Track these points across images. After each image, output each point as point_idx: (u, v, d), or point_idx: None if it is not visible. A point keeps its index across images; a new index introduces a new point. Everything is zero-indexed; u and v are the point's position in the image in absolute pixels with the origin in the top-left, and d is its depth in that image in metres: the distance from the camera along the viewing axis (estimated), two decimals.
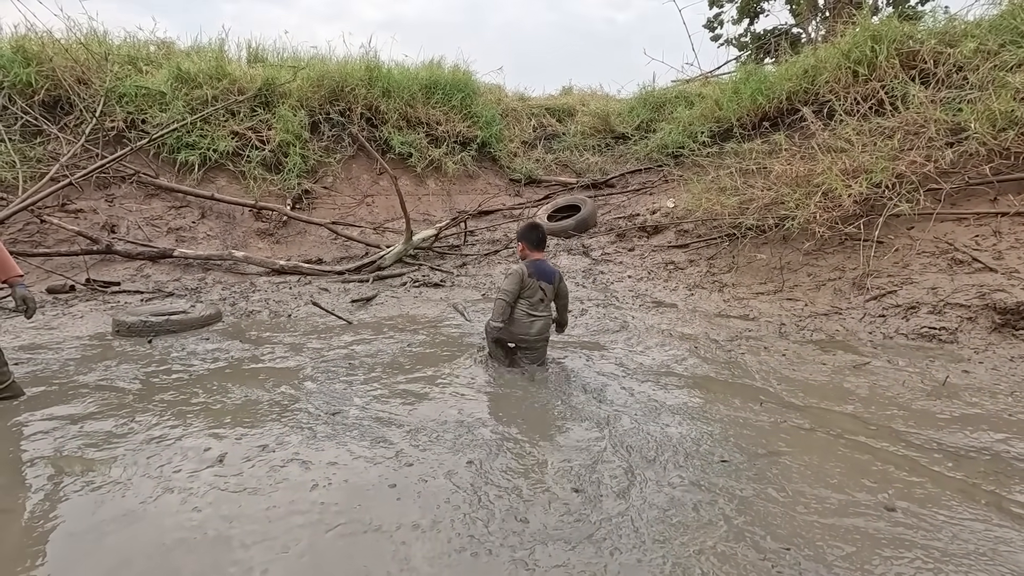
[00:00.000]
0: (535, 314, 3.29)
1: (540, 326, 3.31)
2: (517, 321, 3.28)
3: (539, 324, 3.31)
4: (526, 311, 3.29)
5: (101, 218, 5.72)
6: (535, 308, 3.30)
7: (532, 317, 3.29)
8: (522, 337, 3.32)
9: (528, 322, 3.28)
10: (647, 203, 7.15)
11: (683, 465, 2.24)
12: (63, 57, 6.41)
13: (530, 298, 3.29)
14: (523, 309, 3.29)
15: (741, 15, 15.27)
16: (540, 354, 3.39)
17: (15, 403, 2.76)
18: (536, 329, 3.30)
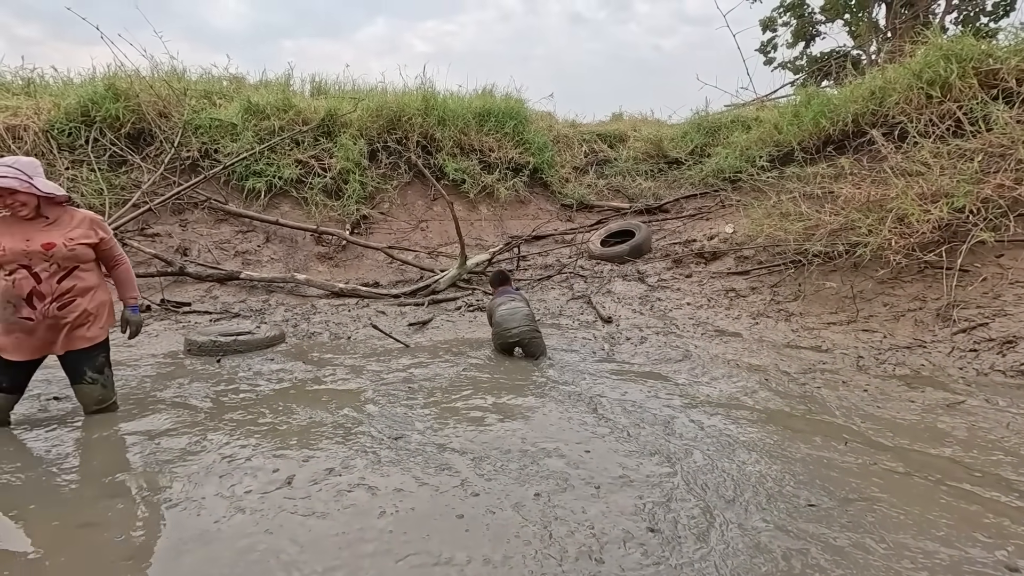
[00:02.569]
0: (512, 309, 4.14)
1: (520, 315, 4.10)
2: (500, 321, 4.11)
3: (519, 314, 4.12)
4: (502, 311, 4.15)
5: (175, 242, 6.04)
6: (507, 306, 4.18)
7: (510, 310, 4.13)
8: (512, 329, 4.05)
9: (509, 316, 4.09)
10: (704, 228, 6.98)
11: (766, 507, 2.09)
12: (147, 93, 6.89)
13: (503, 304, 4.21)
14: (501, 311, 4.16)
15: (796, 39, 15.01)
16: (538, 346, 4.06)
17: (101, 417, 2.88)
18: (518, 318, 4.08)
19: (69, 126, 6.39)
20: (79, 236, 2.76)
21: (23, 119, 6.26)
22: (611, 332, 4.64)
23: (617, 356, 4.07)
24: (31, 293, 2.65)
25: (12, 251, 2.62)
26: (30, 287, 2.65)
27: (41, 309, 2.68)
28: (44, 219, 2.73)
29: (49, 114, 6.44)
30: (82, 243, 2.76)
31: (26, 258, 2.63)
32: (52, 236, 2.69)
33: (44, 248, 2.66)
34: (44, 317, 2.70)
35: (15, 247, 2.62)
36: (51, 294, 2.70)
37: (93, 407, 2.86)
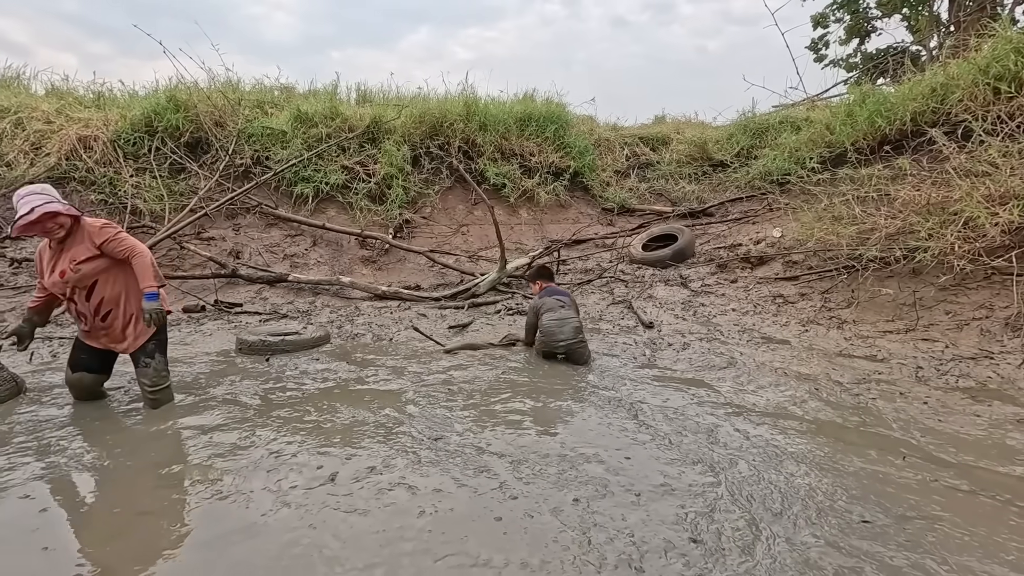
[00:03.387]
0: (562, 318, 4.01)
1: (569, 328, 3.97)
2: (549, 330, 3.99)
3: (568, 326, 3.98)
4: (550, 320, 4.02)
5: (229, 245, 6.31)
6: (558, 314, 4.05)
7: (560, 321, 3.99)
8: (560, 342, 3.95)
9: (558, 328, 3.97)
10: (750, 233, 6.78)
11: (816, 522, 2.01)
12: (205, 104, 7.23)
13: (552, 311, 4.07)
14: (548, 320, 4.02)
15: (849, 35, 14.40)
16: (582, 355, 3.98)
17: (160, 410, 3.03)
18: (567, 331, 3.96)
19: (134, 136, 6.78)
20: (80, 254, 2.87)
21: (94, 130, 6.68)
22: (652, 337, 4.56)
23: (659, 362, 3.99)
24: (78, 313, 2.99)
25: (48, 283, 2.94)
26: (74, 310, 2.99)
27: (89, 323, 3.01)
28: (63, 244, 2.91)
29: (116, 125, 6.85)
30: (83, 260, 2.86)
31: (59, 287, 2.92)
32: (63, 263, 2.89)
33: (60, 276, 2.88)
34: (95, 329, 3.03)
35: (49, 279, 2.93)
36: (89, 312, 2.97)
37: (149, 390, 3.04)
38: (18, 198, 2.78)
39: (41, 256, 2.99)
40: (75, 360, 3.10)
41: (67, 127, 6.66)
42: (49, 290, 2.97)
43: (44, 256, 2.97)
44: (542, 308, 4.14)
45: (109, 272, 2.95)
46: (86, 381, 3.11)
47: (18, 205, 2.76)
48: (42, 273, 2.98)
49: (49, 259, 2.93)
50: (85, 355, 3.10)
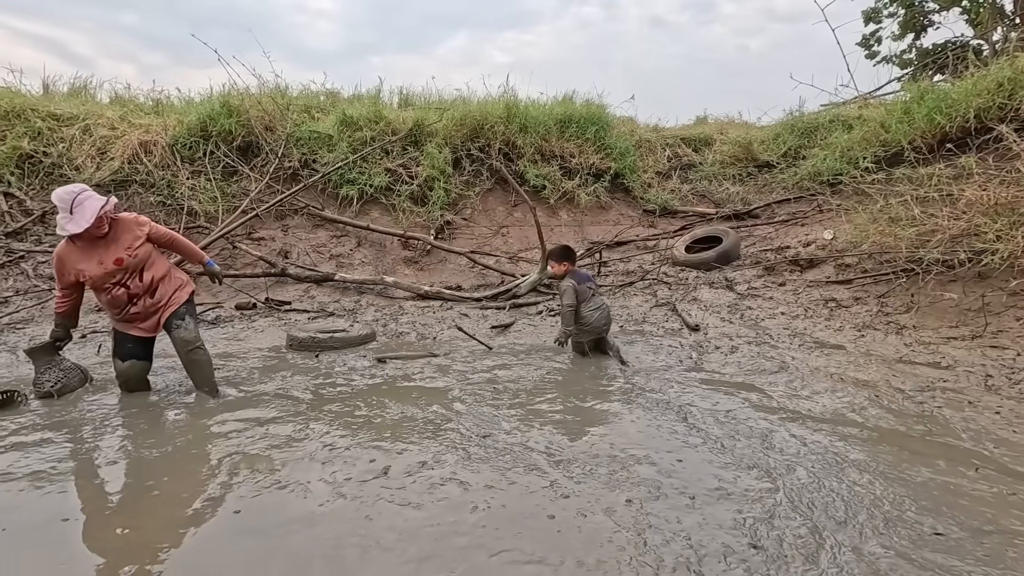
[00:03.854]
0: (599, 307, 4.14)
1: (602, 316, 4.12)
2: (590, 321, 4.08)
3: (601, 314, 4.12)
4: (591, 311, 4.10)
5: (278, 245, 6.51)
6: (595, 302, 4.14)
7: (598, 310, 4.12)
8: (596, 331, 4.10)
9: (598, 317, 4.10)
10: (798, 235, 6.57)
11: (884, 532, 1.92)
12: (256, 109, 7.48)
13: (588, 301, 4.13)
14: (588, 310, 4.09)
15: (904, 30, 13.81)
16: (609, 342, 4.17)
17: (217, 403, 3.15)
18: (602, 319, 4.12)
19: (190, 140, 7.07)
20: (132, 241, 3.15)
21: (153, 135, 7.01)
22: (699, 340, 4.46)
23: (706, 365, 3.91)
24: (129, 297, 3.16)
25: (95, 276, 3.07)
26: (125, 295, 3.15)
27: (141, 305, 3.20)
28: (103, 237, 3.08)
29: (174, 130, 7.16)
30: (137, 246, 3.16)
31: (111, 277, 3.08)
32: (117, 252, 3.10)
33: (116, 264, 3.09)
34: (145, 308, 3.22)
35: (95, 272, 3.07)
36: (142, 292, 3.19)
37: (187, 348, 3.27)
38: (66, 200, 2.89)
39: (64, 259, 3.06)
40: (123, 350, 3.27)
41: (129, 133, 7.00)
42: (92, 283, 3.08)
43: (71, 258, 3.05)
44: (579, 298, 4.09)
45: (151, 254, 3.25)
46: (136, 368, 3.29)
47: (70, 207, 2.88)
48: (65, 275, 3.08)
49: (83, 257, 3.05)
50: (131, 344, 3.28)
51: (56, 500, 2.10)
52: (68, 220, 2.88)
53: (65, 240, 3.05)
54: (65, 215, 2.89)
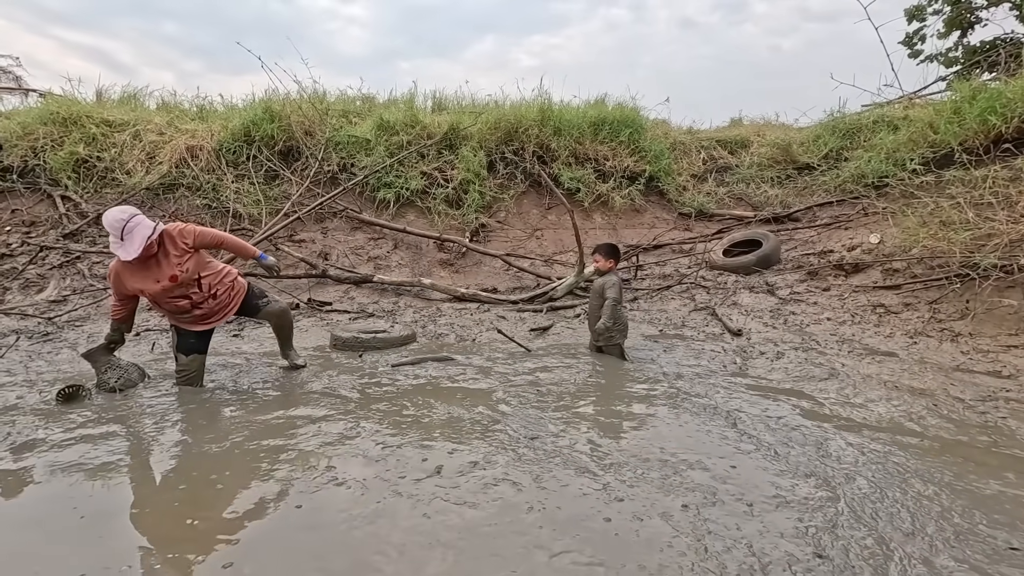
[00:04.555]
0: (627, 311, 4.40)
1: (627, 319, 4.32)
2: (624, 323, 4.21)
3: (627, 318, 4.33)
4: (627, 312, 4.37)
5: (318, 247, 6.65)
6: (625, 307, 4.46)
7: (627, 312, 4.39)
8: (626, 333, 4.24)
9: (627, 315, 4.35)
10: (842, 238, 6.41)
11: (955, 545, 1.86)
12: (297, 114, 7.67)
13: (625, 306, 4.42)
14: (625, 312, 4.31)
15: (949, 28, 13.35)
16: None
17: (269, 398, 3.23)
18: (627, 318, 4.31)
19: (234, 145, 7.29)
20: (181, 256, 3.22)
21: (199, 140, 7.24)
22: (742, 345, 4.39)
23: (751, 371, 3.84)
24: (192, 304, 3.32)
25: (154, 293, 3.21)
26: (189, 304, 3.33)
27: (206, 307, 3.38)
28: (154, 256, 3.16)
29: (219, 135, 7.39)
30: (186, 260, 3.23)
31: (169, 292, 3.23)
32: (170, 269, 3.19)
33: (172, 281, 3.21)
34: (210, 309, 3.41)
35: (154, 289, 3.19)
36: (205, 296, 3.36)
37: (277, 320, 3.69)
38: (116, 228, 2.95)
39: (121, 276, 3.17)
40: (186, 345, 3.42)
41: (177, 138, 7.25)
42: (152, 299, 3.24)
43: (126, 276, 3.16)
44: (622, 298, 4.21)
45: (201, 260, 3.35)
46: (199, 361, 3.45)
47: (120, 233, 2.95)
48: (122, 289, 3.21)
49: (139, 276, 3.15)
50: (193, 339, 3.43)
51: (127, 490, 2.18)
52: (119, 246, 2.97)
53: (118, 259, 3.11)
54: (116, 240, 2.97)
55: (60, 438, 2.65)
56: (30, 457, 2.45)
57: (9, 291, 5.47)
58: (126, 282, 3.18)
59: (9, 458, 2.44)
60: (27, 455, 2.47)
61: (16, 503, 2.12)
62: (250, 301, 3.59)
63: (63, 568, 1.70)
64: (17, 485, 2.23)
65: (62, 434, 2.69)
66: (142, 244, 2.96)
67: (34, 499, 2.14)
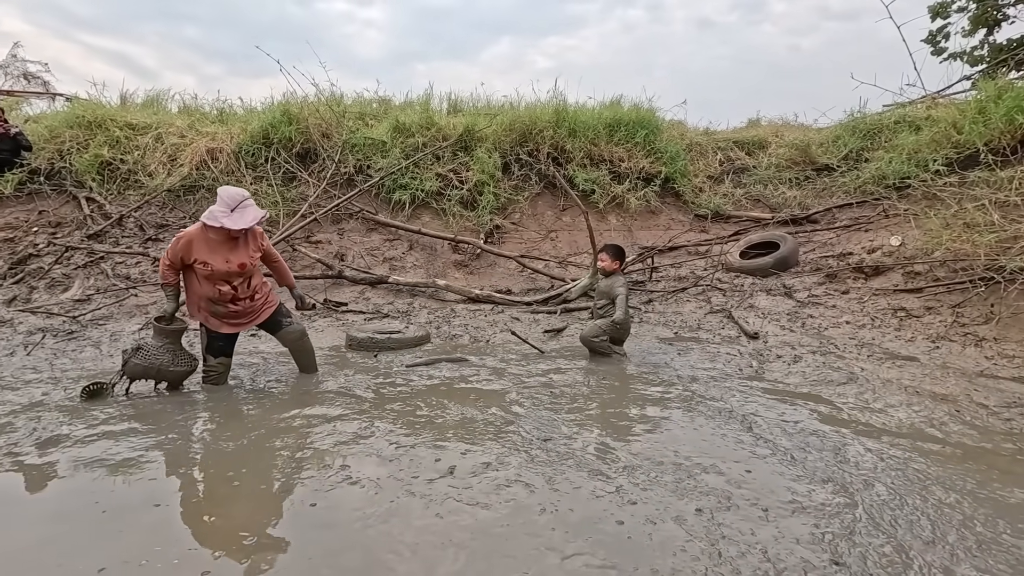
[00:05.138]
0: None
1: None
2: (627, 323, 4.17)
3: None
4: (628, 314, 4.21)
5: (334, 248, 6.72)
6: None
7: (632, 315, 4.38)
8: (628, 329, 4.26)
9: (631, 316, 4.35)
10: (862, 241, 6.30)
11: (977, 555, 1.82)
12: (314, 117, 7.77)
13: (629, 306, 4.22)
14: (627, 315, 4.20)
15: (975, 25, 13.06)
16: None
17: (286, 398, 3.27)
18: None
19: (253, 147, 7.40)
20: (254, 251, 3.43)
21: (219, 142, 7.37)
22: (758, 349, 4.34)
23: (767, 375, 3.80)
24: (233, 297, 3.39)
25: (218, 270, 3.30)
26: (231, 294, 3.37)
27: (242, 305, 3.44)
28: (235, 239, 3.33)
29: (238, 138, 7.51)
30: (258, 256, 3.48)
31: (228, 275, 3.32)
32: (242, 256, 3.36)
33: (240, 268, 3.36)
34: (244, 309, 3.45)
35: (220, 267, 3.30)
36: (246, 295, 3.44)
37: (296, 342, 3.70)
38: (235, 199, 3.22)
39: (192, 244, 3.26)
40: (215, 348, 3.49)
41: (197, 140, 7.39)
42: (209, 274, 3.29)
43: (198, 246, 3.26)
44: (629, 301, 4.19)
45: (257, 264, 3.52)
46: (226, 363, 3.55)
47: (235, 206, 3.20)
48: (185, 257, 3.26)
49: (211, 250, 3.28)
50: (221, 342, 3.50)
51: (148, 486, 2.22)
52: (226, 216, 3.16)
53: (200, 227, 3.25)
54: (224, 210, 3.17)
55: (83, 434, 2.71)
56: (54, 452, 2.51)
57: (36, 290, 5.61)
58: (194, 250, 3.27)
59: (35, 453, 2.51)
60: (51, 450, 2.53)
61: (40, 497, 2.18)
62: (275, 316, 3.65)
63: (84, 561, 1.74)
64: (42, 479, 2.29)
65: (85, 430, 2.76)
66: (254, 220, 3.24)
67: (57, 493, 2.20)
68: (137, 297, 5.61)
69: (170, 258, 3.31)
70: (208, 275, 3.31)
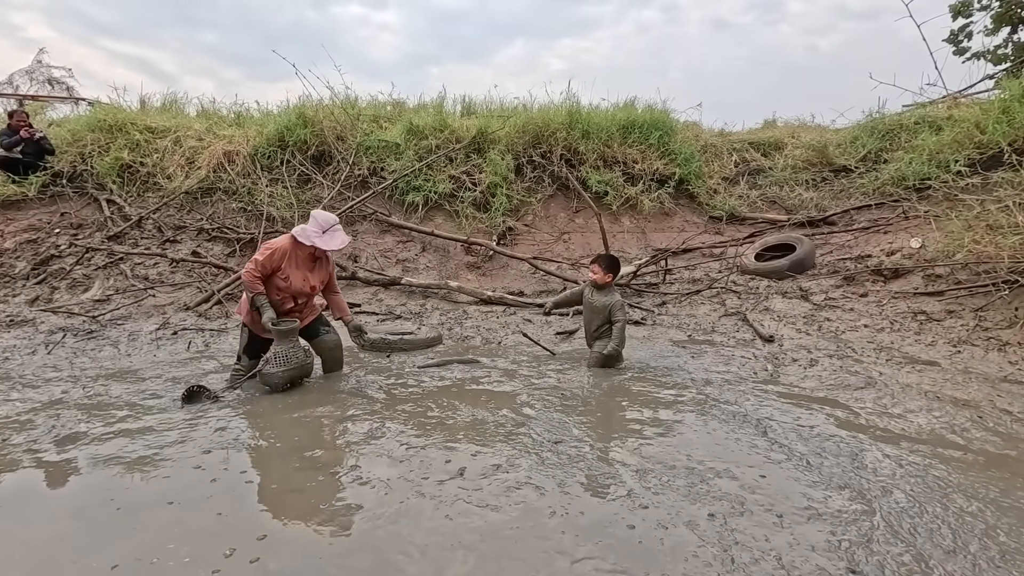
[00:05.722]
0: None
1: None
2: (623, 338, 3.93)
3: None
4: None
5: (347, 249, 6.76)
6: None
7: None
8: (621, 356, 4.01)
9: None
10: (881, 243, 6.19)
11: (1000, 566, 1.77)
12: (329, 120, 7.84)
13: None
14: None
15: (998, 24, 12.80)
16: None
17: (299, 398, 3.29)
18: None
19: (269, 150, 7.49)
20: (325, 276, 3.67)
21: (236, 145, 7.47)
22: (773, 352, 4.28)
23: (783, 378, 3.74)
24: (289, 310, 3.60)
25: (293, 286, 3.50)
26: (292, 307, 3.60)
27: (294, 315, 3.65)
28: (316, 261, 3.58)
29: (254, 140, 7.61)
30: (326, 282, 3.70)
31: (298, 293, 3.54)
32: (316, 279, 3.61)
33: (311, 289, 3.59)
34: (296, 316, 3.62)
35: (296, 284, 3.51)
36: (300, 311, 3.65)
37: (329, 351, 3.79)
38: (328, 222, 3.47)
39: (286, 253, 3.44)
40: (254, 349, 3.62)
41: (214, 143, 7.49)
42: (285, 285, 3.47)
43: (291, 257, 3.46)
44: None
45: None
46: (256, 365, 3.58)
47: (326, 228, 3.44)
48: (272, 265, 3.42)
49: (295, 266, 3.49)
50: (260, 345, 3.60)
51: (162, 484, 2.25)
52: (318, 236, 3.41)
53: (292, 242, 3.45)
54: (317, 231, 3.42)
55: (100, 432, 2.75)
56: (72, 450, 2.55)
57: (57, 290, 5.73)
58: (283, 261, 3.44)
59: (53, 450, 2.55)
60: (69, 447, 2.57)
61: (58, 493, 2.21)
62: (315, 324, 3.79)
63: (98, 558, 1.76)
64: (60, 476, 2.33)
65: (102, 428, 2.80)
66: (342, 244, 3.51)
67: (74, 490, 2.23)
68: (155, 297, 5.70)
69: (261, 267, 3.44)
70: (283, 288, 3.48)
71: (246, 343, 3.59)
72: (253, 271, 3.40)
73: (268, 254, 3.40)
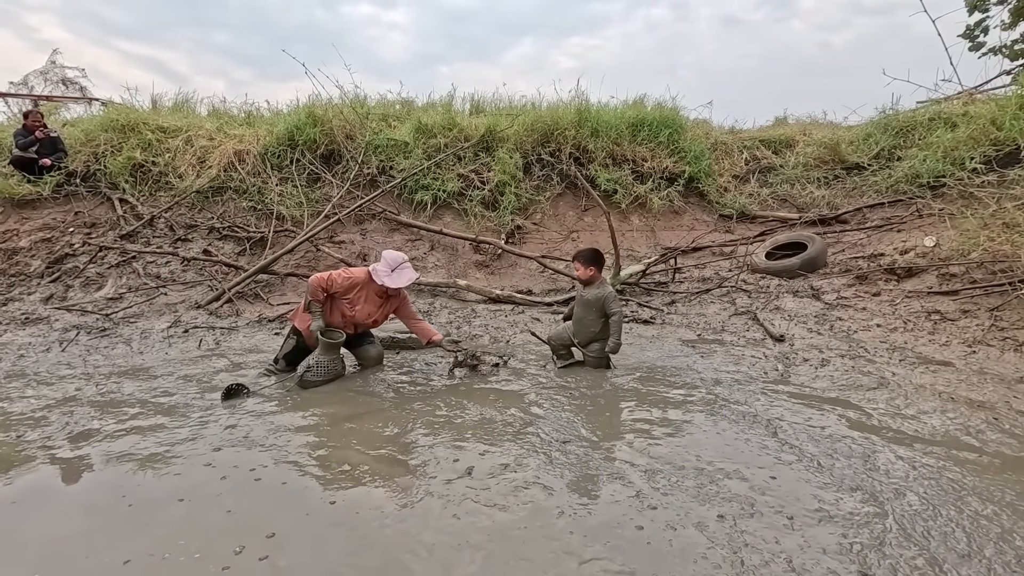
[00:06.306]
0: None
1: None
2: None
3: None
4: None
5: (357, 248, 6.79)
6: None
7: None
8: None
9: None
10: (894, 241, 6.11)
11: (1016, 570, 1.74)
12: (338, 119, 7.87)
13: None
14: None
15: (1015, 18, 12.58)
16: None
17: (309, 396, 3.31)
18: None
19: (279, 149, 7.53)
20: (390, 310, 3.81)
21: (246, 145, 7.51)
22: (784, 352, 4.24)
23: (794, 379, 3.70)
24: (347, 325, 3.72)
25: (359, 314, 3.66)
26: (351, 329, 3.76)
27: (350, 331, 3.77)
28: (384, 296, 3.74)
29: (264, 140, 7.65)
30: (390, 314, 3.83)
31: (359, 323, 3.71)
32: (381, 314, 3.75)
33: (372, 323, 3.77)
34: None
35: (361, 313, 3.68)
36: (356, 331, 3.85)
37: (370, 359, 3.91)
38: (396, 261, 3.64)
39: (356, 286, 3.64)
40: (295, 356, 3.72)
41: (225, 143, 7.54)
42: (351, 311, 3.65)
43: (363, 287, 3.66)
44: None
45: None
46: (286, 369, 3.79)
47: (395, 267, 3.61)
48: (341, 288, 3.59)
49: (364, 298, 3.67)
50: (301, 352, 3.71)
51: (173, 481, 2.27)
52: (387, 275, 3.58)
53: (367, 277, 3.65)
54: (386, 270, 3.59)
55: (113, 429, 2.78)
56: (85, 446, 2.58)
57: (71, 288, 5.80)
58: (353, 290, 3.64)
59: (67, 447, 2.58)
60: (83, 444, 2.60)
61: (71, 490, 2.24)
62: (361, 335, 3.90)
63: (110, 554, 1.78)
64: (73, 473, 2.35)
65: (115, 425, 2.83)
66: (408, 283, 3.63)
67: (87, 486, 2.26)
68: (167, 295, 5.75)
69: (331, 281, 3.56)
70: (347, 315, 3.63)
71: (290, 350, 3.72)
72: (323, 280, 3.54)
73: (343, 277, 3.60)
